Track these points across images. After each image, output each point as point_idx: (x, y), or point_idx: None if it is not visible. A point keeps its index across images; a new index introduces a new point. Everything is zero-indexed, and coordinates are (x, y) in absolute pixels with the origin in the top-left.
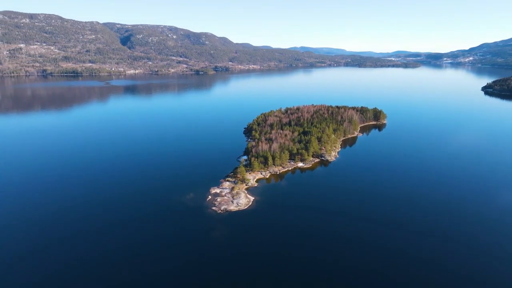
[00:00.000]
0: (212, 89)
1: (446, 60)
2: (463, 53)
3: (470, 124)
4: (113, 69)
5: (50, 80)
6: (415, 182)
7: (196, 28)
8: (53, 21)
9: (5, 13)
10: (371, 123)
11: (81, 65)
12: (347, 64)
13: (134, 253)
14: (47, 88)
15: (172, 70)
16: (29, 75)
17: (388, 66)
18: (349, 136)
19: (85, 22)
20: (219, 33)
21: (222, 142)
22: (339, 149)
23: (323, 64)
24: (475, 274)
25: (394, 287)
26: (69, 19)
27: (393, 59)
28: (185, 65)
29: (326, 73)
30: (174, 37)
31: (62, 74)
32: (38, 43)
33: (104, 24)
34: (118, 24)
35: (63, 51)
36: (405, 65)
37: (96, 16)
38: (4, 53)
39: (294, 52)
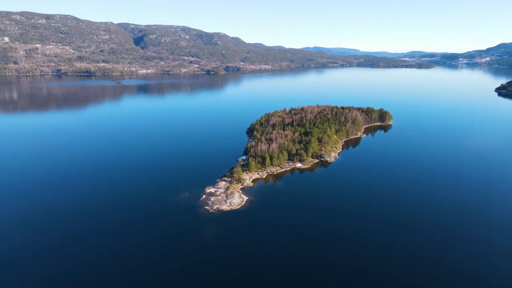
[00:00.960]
0: (220, 89)
1: (462, 60)
2: (480, 53)
3: (479, 126)
4: (125, 69)
5: (64, 80)
6: (414, 185)
7: (209, 29)
8: (68, 21)
9: (22, 13)
10: (376, 124)
11: (94, 64)
12: (359, 65)
13: (118, 253)
14: (59, 87)
15: (184, 70)
16: (44, 74)
17: (402, 66)
18: (352, 137)
19: (100, 23)
20: (231, 33)
21: (224, 142)
22: (340, 150)
23: (335, 65)
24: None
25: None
26: (84, 20)
27: (407, 59)
28: (196, 65)
29: (337, 73)
30: (187, 37)
31: (75, 74)
32: (54, 43)
33: (119, 24)
34: (132, 24)
35: (78, 51)
36: (419, 66)
37: (111, 17)
38: (21, 53)
39: (307, 52)
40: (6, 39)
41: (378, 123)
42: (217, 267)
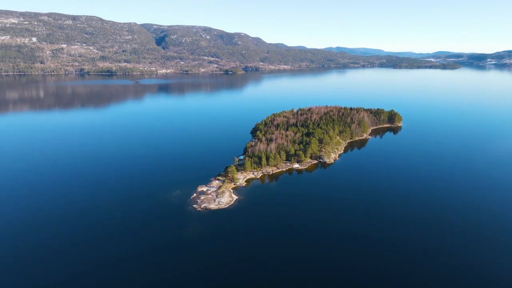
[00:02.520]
0: (233, 89)
1: (490, 61)
2: (510, 54)
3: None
4: (145, 68)
5: (86, 79)
6: (412, 190)
7: (230, 29)
8: (93, 22)
9: (50, 14)
10: (385, 125)
11: (116, 64)
12: (381, 65)
13: (98, 247)
14: (77, 86)
15: (203, 70)
16: (68, 73)
17: (425, 67)
18: (357, 138)
19: (123, 23)
20: (253, 34)
21: (227, 141)
22: (342, 152)
23: (356, 65)
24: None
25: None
26: (108, 20)
27: (432, 60)
28: (215, 65)
29: (356, 74)
30: (208, 37)
31: (97, 73)
32: (79, 44)
33: (142, 25)
34: (155, 25)
35: (101, 51)
36: (443, 67)
37: (135, 17)
38: (47, 52)
39: (327, 53)
40: (34, 39)
41: (387, 125)
42: (193, 265)
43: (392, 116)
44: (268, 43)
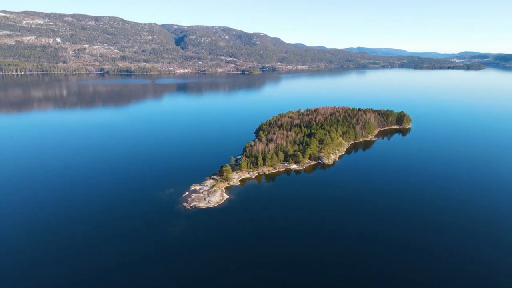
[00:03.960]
0: (245, 89)
1: None
2: None
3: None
4: (163, 68)
5: (106, 78)
6: (411, 193)
7: (250, 29)
8: (115, 23)
9: (74, 16)
10: (393, 127)
11: (135, 64)
12: (402, 66)
13: (84, 244)
14: (96, 85)
15: (220, 70)
16: (89, 73)
17: (448, 68)
18: (362, 139)
19: (144, 24)
20: (272, 34)
21: (229, 141)
22: (343, 153)
23: (376, 66)
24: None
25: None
26: (130, 21)
27: (456, 60)
28: (233, 65)
29: (374, 75)
30: (227, 37)
31: (117, 73)
32: (100, 44)
33: (162, 25)
34: (175, 25)
35: (122, 51)
36: (467, 67)
37: (156, 18)
38: (70, 52)
39: (347, 53)
40: (58, 39)
41: (395, 126)
42: (172, 263)
43: (400, 118)
44: (287, 43)
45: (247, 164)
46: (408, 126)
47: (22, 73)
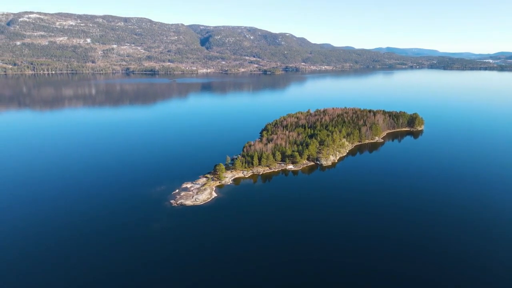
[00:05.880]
0: (263, 89)
1: None
2: None
3: None
4: (187, 68)
5: (131, 77)
6: (407, 195)
7: (276, 29)
8: (143, 24)
9: (104, 17)
10: (403, 129)
11: (160, 64)
12: (431, 66)
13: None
14: (119, 85)
15: (242, 70)
16: (115, 72)
17: (480, 68)
18: (367, 141)
19: (171, 24)
20: (298, 34)
21: (235, 140)
22: (345, 155)
23: (403, 66)
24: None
25: None
26: (157, 22)
27: (490, 61)
28: (256, 65)
29: (399, 76)
30: (251, 37)
31: (142, 72)
32: (128, 44)
33: (189, 26)
34: (202, 25)
35: (148, 51)
36: (501, 68)
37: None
38: (99, 52)
39: (374, 53)
40: (88, 40)
41: (406, 128)
42: (150, 259)
43: (412, 120)
44: (313, 43)
45: (242, 163)
46: (420, 129)
47: (53, 72)
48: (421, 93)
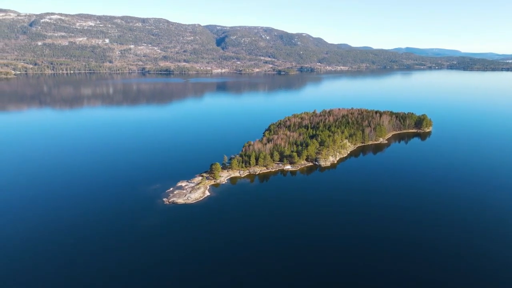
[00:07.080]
0: (274, 90)
1: None
2: None
3: None
4: (202, 68)
5: (146, 77)
6: (405, 198)
7: (293, 29)
8: (160, 24)
9: (123, 18)
10: (410, 130)
11: (175, 64)
12: (451, 67)
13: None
14: (140, 84)
15: (256, 70)
16: (131, 72)
17: (501, 69)
18: (371, 142)
19: (188, 25)
20: (315, 34)
21: (237, 140)
22: (346, 155)
23: (422, 67)
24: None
25: None
26: (174, 22)
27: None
28: (270, 65)
29: (416, 77)
30: (267, 38)
31: (157, 72)
32: (145, 44)
33: (206, 26)
34: (219, 26)
35: (164, 51)
36: None
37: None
38: (117, 53)
39: (392, 53)
40: (107, 40)
41: (413, 130)
42: (137, 256)
43: (420, 121)
44: (329, 43)
45: (239, 163)
46: (427, 130)
47: (71, 71)
48: (433, 93)
